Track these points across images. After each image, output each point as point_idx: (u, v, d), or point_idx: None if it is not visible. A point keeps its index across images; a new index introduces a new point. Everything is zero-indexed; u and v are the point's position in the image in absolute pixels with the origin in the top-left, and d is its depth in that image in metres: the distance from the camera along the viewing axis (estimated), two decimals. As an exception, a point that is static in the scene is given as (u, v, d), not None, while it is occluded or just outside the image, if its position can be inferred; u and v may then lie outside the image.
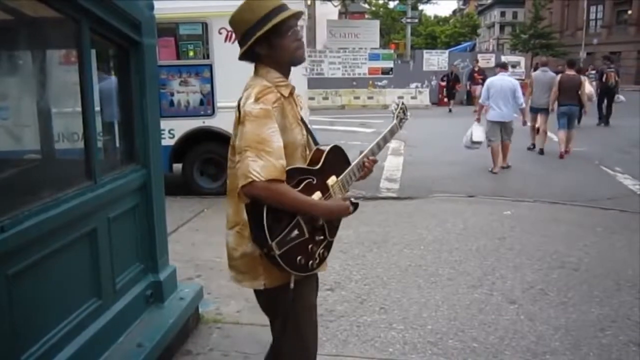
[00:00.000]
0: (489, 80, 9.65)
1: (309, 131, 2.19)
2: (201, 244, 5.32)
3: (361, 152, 2.24)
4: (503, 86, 9.08)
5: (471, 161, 9.96)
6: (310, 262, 2.00)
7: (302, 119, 2.15)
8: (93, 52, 2.76)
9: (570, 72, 10.89)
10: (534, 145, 11.17)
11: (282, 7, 2.00)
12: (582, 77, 11.46)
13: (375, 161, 2.24)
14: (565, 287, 4.27)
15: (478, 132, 9.14)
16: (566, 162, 9.98)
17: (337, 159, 2.17)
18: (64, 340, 2.32)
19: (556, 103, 10.61)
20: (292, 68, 2.12)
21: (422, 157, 10.63)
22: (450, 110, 20.66)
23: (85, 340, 2.44)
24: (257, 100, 1.90)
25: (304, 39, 2.10)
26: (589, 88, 12.78)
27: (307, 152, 2.15)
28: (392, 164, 9.85)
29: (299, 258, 1.94)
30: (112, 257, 2.73)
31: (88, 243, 2.55)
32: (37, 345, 2.17)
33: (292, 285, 1.99)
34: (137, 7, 3.00)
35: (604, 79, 15.71)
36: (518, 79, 11.11)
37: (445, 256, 4.98)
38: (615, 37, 43.58)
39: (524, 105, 9.49)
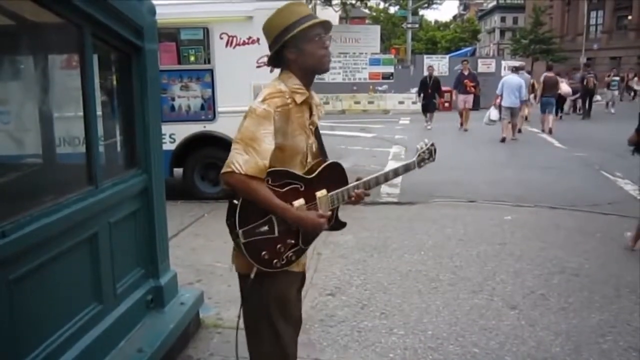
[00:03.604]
0: (503, 79, 14.19)
1: (320, 142, 2.26)
2: (201, 249, 5.32)
3: (358, 179, 2.27)
4: (513, 83, 13.49)
5: (472, 166, 9.96)
6: (275, 260, 2.07)
7: (316, 129, 2.23)
8: (95, 56, 2.77)
9: (550, 74, 16.13)
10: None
11: (312, 16, 2.10)
12: (560, 79, 16.87)
13: (366, 195, 2.26)
14: (565, 292, 4.27)
15: (494, 113, 13.74)
16: (567, 167, 9.98)
17: (334, 175, 2.23)
18: (64, 345, 2.32)
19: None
20: None
21: (423, 162, 10.61)
22: (429, 128, 16.08)
23: (85, 345, 2.44)
24: (264, 100, 2.02)
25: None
26: (566, 88, 17.59)
27: (309, 160, 2.19)
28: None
29: (263, 253, 2.04)
30: (113, 261, 2.73)
31: (89, 248, 2.56)
32: (38, 350, 2.16)
33: (252, 275, 2.09)
34: (139, 12, 3.02)
35: (585, 83, 19.72)
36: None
37: (445, 261, 4.97)
38: (616, 42, 43.67)
39: (525, 97, 14.07)
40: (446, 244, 5.46)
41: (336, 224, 2.32)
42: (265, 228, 2.02)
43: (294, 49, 2.08)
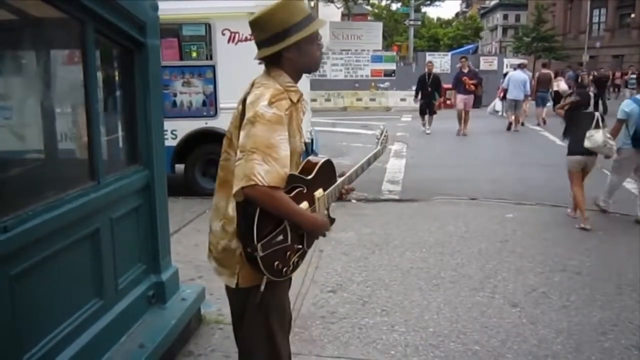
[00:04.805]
0: (510, 74, 15.79)
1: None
2: (203, 245, 5.25)
3: (343, 174, 2.28)
4: (519, 78, 14.89)
5: (473, 164, 9.95)
6: (285, 268, 2.01)
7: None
8: (97, 52, 2.76)
9: (545, 71, 18.01)
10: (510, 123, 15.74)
11: (313, 16, 2.03)
12: (558, 78, 18.71)
13: (352, 189, 2.30)
14: (567, 290, 4.27)
15: (498, 104, 16.69)
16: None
17: (327, 173, 2.19)
18: (66, 340, 2.33)
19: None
20: None
21: (424, 160, 10.63)
22: (427, 132, 14.66)
23: (87, 341, 2.45)
24: (271, 103, 1.89)
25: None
26: (563, 86, 18.28)
27: (300, 159, 2.15)
28: (394, 166, 9.85)
29: (276, 263, 1.95)
30: (114, 257, 2.73)
31: (91, 243, 2.56)
32: (39, 346, 2.17)
33: (262, 287, 2.01)
34: (142, 8, 3.01)
35: (579, 80, 20.38)
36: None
37: (447, 259, 4.97)
38: (618, 40, 43.54)
39: (528, 92, 15.45)
40: (448, 242, 5.46)
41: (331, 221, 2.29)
42: (281, 237, 1.94)
43: (295, 49, 1.99)
